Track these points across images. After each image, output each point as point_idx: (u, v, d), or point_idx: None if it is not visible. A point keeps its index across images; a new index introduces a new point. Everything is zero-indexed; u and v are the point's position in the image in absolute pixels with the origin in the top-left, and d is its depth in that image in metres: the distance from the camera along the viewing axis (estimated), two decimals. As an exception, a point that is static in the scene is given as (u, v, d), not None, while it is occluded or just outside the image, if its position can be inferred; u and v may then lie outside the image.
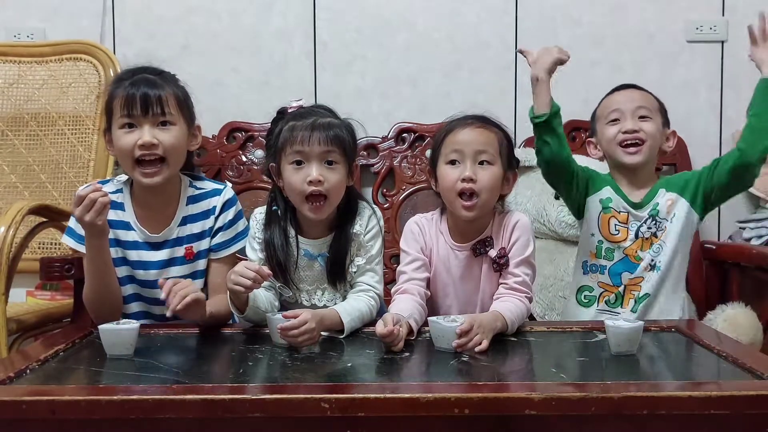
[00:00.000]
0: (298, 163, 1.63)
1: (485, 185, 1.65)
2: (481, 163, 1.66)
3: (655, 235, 1.81)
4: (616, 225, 1.83)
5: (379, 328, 1.43)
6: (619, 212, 1.83)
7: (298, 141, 1.62)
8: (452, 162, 1.67)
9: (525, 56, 1.83)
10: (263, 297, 1.63)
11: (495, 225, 1.73)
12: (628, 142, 1.81)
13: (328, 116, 1.67)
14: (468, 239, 1.73)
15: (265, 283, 1.69)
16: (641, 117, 1.82)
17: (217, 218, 1.73)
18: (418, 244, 1.73)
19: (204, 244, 1.73)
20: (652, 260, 1.81)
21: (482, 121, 1.70)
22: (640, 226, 1.82)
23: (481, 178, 1.65)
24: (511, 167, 1.73)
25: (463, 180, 1.64)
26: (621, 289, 1.83)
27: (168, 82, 1.67)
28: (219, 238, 1.73)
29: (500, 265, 1.69)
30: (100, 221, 1.54)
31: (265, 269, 1.53)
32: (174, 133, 1.65)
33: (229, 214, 1.74)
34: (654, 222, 1.82)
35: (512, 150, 1.74)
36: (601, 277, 1.85)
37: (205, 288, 1.74)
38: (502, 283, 1.69)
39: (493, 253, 1.70)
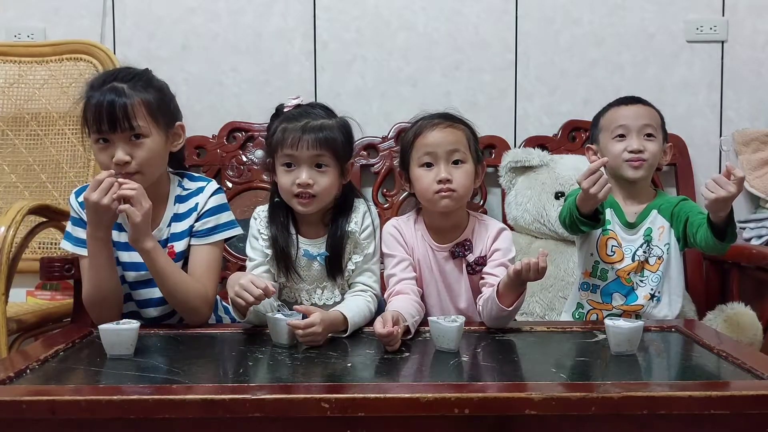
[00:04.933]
0: (289, 165, 1.65)
1: (461, 183, 1.68)
2: (455, 162, 1.69)
3: (647, 261, 1.83)
4: (612, 246, 1.85)
5: (378, 327, 1.43)
6: (616, 233, 1.86)
7: (289, 144, 1.63)
8: (426, 165, 1.70)
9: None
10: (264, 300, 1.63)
11: (475, 229, 1.76)
12: (633, 159, 1.83)
13: (321, 117, 1.67)
14: (446, 239, 1.75)
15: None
16: (646, 135, 1.84)
17: (200, 212, 1.71)
18: (400, 246, 1.75)
19: (184, 244, 1.71)
20: (652, 290, 1.83)
21: (449, 120, 1.72)
22: (636, 250, 1.84)
23: (457, 177, 1.68)
24: (480, 161, 1.76)
25: (440, 182, 1.67)
26: (613, 308, 1.85)
27: (137, 90, 1.61)
28: (202, 225, 1.71)
29: (475, 271, 1.73)
30: (111, 203, 1.53)
31: (272, 287, 1.52)
32: (147, 146, 1.62)
33: (212, 202, 1.72)
34: (648, 247, 1.84)
35: (478, 144, 1.77)
36: (592, 296, 1.88)
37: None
38: (482, 284, 1.71)
39: (471, 258, 1.73)
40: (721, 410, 1.14)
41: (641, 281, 1.84)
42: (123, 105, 1.58)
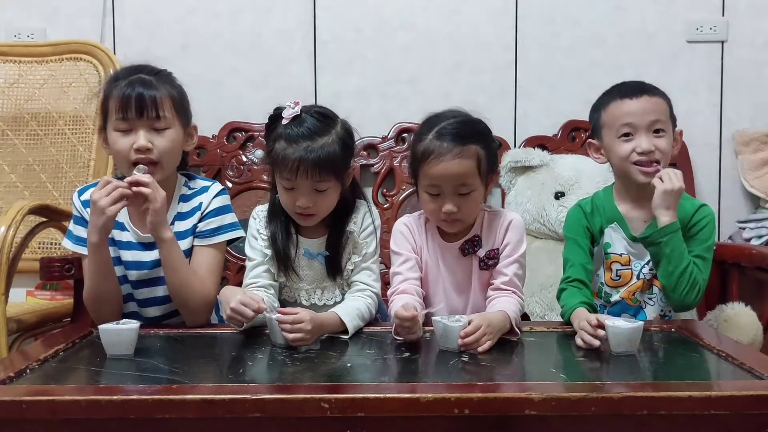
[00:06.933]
0: (288, 186, 1.64)
1: (468, 212, 1.64)
2: (462, 193, 1.60)
3: (656, 277, 1.74)
4: (617, 270, 1.77)
5: (401, 311, 1.44)
6: (621, 255, 1.77)
7: (287, 170, 1.61)
8: (432, 194, 1.63)
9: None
10: (264, 299, 1.62)
11: (485, 224, 1.72)
12: (644, 161, 1.70)
13: (320, 133, 1.61)
14: (456, 236, 1.73)
15: (268, 282, 1.70)
16: (655, 132, 1.71)
17: (203, 212, 1.72)
18: (409, 244, 1.74)
19: (186, 244, 1.71)
20: (662, 309, 1.78)
21: (459, 144, 1.58)
22: (642, 267, 1.76)
23: (464, 208, 1.62)
24: (491, 173, 1.67)
25: (446, 213, 1.61)
26: None
27: (164, 84, 1.66)
28: (205, 225, 1.71)
29: (488, 265, 1.70)
30: (111, 211, 1.54)
31: (263, 303, 1.51)
32: (169, 137, 1.65)
33: (216, 202, 1.73)
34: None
35: (492, 160, 1.66)
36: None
37: None
38: (491, 284, 1.69)
39: (482, 252, 1.70)
40: (721, 410, 1.14)
41: (650, 299, 1.77)
42: (152, 95, 1.62)
